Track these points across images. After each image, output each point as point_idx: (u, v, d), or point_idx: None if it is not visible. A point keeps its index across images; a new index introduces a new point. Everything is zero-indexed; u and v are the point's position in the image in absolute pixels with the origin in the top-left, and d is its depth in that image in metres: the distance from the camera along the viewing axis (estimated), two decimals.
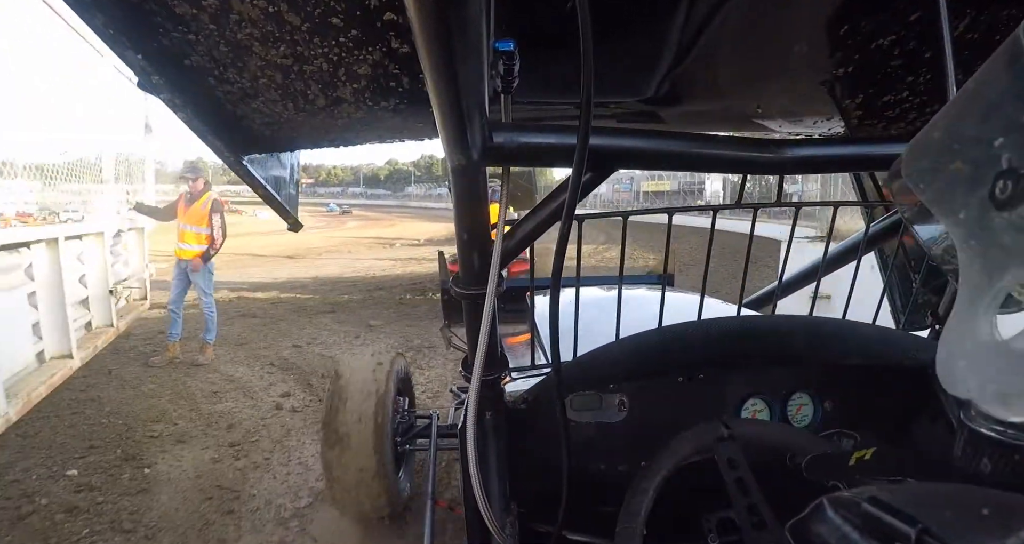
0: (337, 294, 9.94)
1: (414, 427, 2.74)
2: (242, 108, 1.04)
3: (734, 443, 0.94)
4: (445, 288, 2.70)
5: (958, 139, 0.41)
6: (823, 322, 1.32)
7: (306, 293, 10.08)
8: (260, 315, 7.97)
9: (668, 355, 1.25)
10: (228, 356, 5.91)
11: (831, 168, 0.97)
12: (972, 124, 0.40)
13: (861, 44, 0.92)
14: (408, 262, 15.23)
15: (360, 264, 14.87)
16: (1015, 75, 0.37)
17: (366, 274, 12.91)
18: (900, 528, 0.43)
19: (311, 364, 5.62)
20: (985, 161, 0.38)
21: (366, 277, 12.40)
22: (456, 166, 0.77)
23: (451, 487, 3.11)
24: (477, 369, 0.93)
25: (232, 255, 16.57)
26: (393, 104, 1.00)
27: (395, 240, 22.52)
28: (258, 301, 9.13)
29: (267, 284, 11.03)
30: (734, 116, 1.49)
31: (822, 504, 0.52)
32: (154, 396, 4.68)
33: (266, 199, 1.27)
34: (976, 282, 0.38)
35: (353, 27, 0.81)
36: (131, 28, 0.83)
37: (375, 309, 8.57)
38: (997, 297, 0.38)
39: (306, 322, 7.54)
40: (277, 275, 12.60)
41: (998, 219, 0.36)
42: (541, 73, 0.96)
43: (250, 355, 5.95)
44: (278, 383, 5.05)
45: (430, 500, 1.91)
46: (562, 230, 0.79)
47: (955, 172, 0.40)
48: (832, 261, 1.58)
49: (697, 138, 0.92)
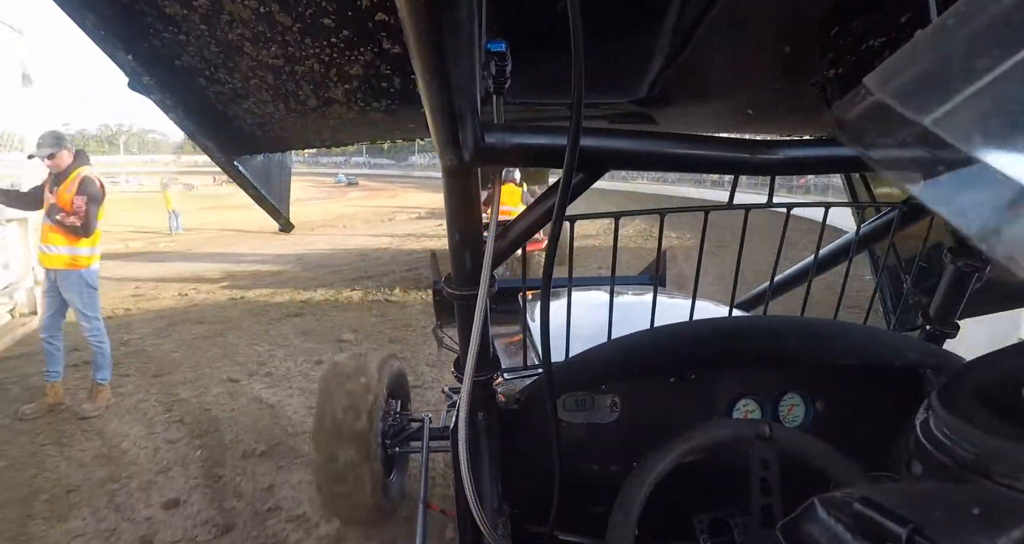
0: (313, 287, 8.55)
1: (405, 430, 2.73)
2: (233, 109, 1.04)
3: (772, 445, 0.97)
4: (437, 289, 2.69)
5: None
6: (814, 322, 1.33)
7: (275, 285, 8.69)
8: (210, 320, 6.59)
9: (660, 356, 1.26)
10: (131, 400, 4.22)
11: (822, 169, 0.98)
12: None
13: (852, 45, 0.93)
14: (405, 240, 14.09)
15: (352, 242, 13.64)
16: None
17: (355, 256, 11.60)
18: (891, 528, 0.43)
19: (238, 422, 3.89)
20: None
21: (354, 260, 11.09)
22: (448, 167, 0.78)
23: (448, 492, 2.99)
24: (469, 370, 0.93)
25: (216, 231, 15.85)
26: (385, 105, 1.00)
27: (395, 212, 21.44)
28: (214, 298, 7.83)
29: (234, 274, 9.63)
30: (726, 117, 1.50)
31: (813, 504, 0.52)
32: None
33: (257, 199, 1.26)
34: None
35: (344, 28, 0.81)
36: (122, 29, 0.83)
37: (354, 312, 7.06)
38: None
39: (262, 332, 6.08)
40: (255, 255, 11.61)
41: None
42: (533, 74, 0.96)
43: (161, 399, 4.26)
44: (173, 468, 3.32)
45: (422, 504, 1.90)
46: (553, 230, 0.80)
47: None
48: (824, 262, 1.58)
49: (688, 139, 0.93)
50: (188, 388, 4.46)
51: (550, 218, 0.84)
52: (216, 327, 6.27)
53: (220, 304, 7.43)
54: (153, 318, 6.64)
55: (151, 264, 10.70)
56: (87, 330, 3.97)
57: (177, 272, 9.81)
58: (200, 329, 6.16)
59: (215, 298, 7.79)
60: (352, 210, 22.72)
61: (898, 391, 1.34)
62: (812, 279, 1.49)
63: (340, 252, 12.13)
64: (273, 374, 4.79)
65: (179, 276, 9.40)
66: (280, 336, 5.93)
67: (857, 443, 1.32)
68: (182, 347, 5.52)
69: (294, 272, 9.84)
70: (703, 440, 0.99)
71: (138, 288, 8.33)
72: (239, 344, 5.65)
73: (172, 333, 5.98)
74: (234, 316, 6.79)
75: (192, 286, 8.53)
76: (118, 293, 7.83)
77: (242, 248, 12.58)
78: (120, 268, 9.71)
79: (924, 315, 1.49)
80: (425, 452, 2.32)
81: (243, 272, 9.86)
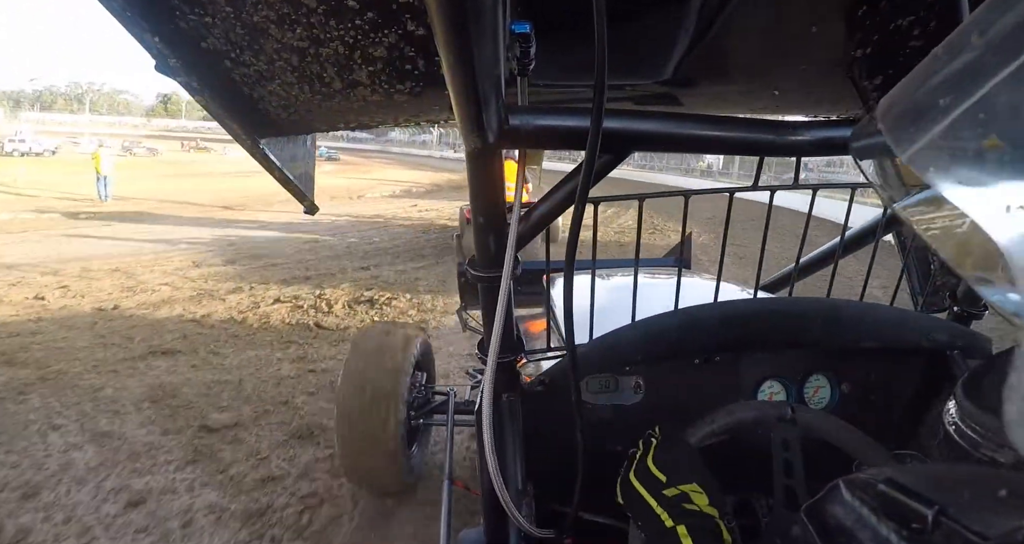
0: (226, 293, 6.34)
1: (430, 402, 2.77)
2: (258, 91, 1.05)
3: (794, 427, 0.97)
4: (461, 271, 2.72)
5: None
6: (840, 304, 1.32)
7: (175, 287, 6.53)
8: (31, 358, 4.30)
9: (684, 338, 1.26)
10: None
11: (848, 150, 0.96)
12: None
13: (880, 25, 0.91)
14: (372, 225, 11.64)
15: (304, 228, 11.10)
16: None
17: (304, 245, 9.46)
18: (917, 509, 0.43)
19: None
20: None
21: (300, 251, 8.94)
22: (472, 149, 0.78)
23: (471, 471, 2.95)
24: (493, 351, 0.94)
25: (156, 202, 14.08)
26: (409, 87, 1.00)
27: (367, 188, 19.44)
28: (76, 309, 5.66)
29: (131, 267, 7.46)
30: (752, 99, 1.47)
31: (838, 486, 0.52)
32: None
33: (283, 182, 1.28)
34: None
35: (369, 9, 0.81)
36: (148, 10, 0.84)
37: (261, 348, 4.70)
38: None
39: (86, 394, 3.76)
40: (181, 238, 9.65)
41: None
42: (557, 55, 0.95)
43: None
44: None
45: (447, 480, 1.93)
46: (576, 213, 0.80)
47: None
48: (850, 243, 1.56)
49: (713, 120, 0.92)
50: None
51: (573, 200, 0.84)
52: (24, 376, 3.96)
53: (72, 322, 5.22)
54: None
55: (42, 243, 8.80)
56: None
57: (61, 256, 7.89)
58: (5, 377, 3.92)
59: (76, 309, 5.63)
60: (321, 185, 20.52)
61: (925, 373, 1.32)
62: (838, 260, 1.47)
63: (288, 239, 10.04)
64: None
65: (58, 263, 7.45)
66: (108, 411, 3.55)
67: (883, 425, 1.32)
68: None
69: (214, 266, 7.58)
70: (725, 422, 1.00)
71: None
72: (31, 422, 3.36)
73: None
74: (76, 349, 4.53)
75: (63, 283, 6.48)
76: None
77: (172, 227, 10.51)
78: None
79: (952, 296, 1.46)
80: (450, 426, 2.35)
81: (147, 263, 7.68)
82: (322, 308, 5.84)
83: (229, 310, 5.73)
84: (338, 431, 2.53)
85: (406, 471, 2.60)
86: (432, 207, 15.65)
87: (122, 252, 8.29)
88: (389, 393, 2.44)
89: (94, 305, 5.77)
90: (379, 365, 2.50)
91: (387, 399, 2.43)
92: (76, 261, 7.55)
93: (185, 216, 12.24)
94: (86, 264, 7.41)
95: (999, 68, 0.29)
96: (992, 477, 0.47)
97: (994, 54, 0.29)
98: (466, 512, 2.58)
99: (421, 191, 20.47)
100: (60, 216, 11.61)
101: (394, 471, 2.54)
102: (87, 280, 6.72)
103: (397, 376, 2.48)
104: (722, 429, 0.99)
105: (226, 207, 13.78)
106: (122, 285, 6.53)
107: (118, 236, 9.74)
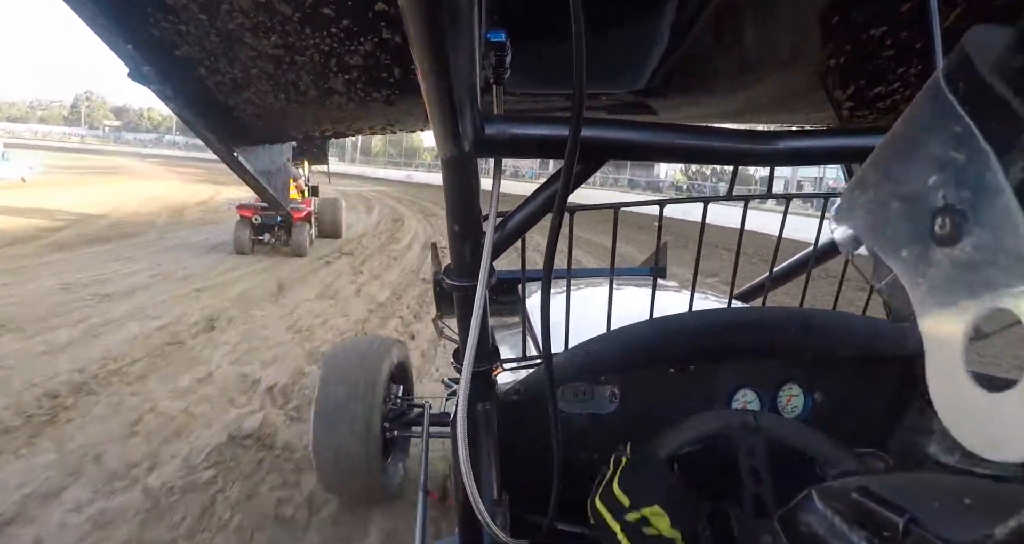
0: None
1: (406, 415, 2.74)
2: (233, 99, 1.04)
3: (758, 434, 0.98)
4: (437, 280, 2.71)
5: (892, 178, 0.42)
6: (813, 313, 1.34)
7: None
8: None
9: (659, 346, 1.26)
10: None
11: (823, 160, 0.98)
12: (904, 163, 0.41)
13: (853, 35, 0.93)
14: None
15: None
16: (935, 112, 0.38)
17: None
18: (888, 518, 0.43)
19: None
20: (921, 199, 0.39)
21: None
22: (447, 157, 0.77)
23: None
24: (468, 361, 0.93)
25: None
26: (385, 95, 1.00)
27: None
28: None
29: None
30: (727, 108, 1.49)
31: (810, 494, 0.52)
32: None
33: (258, 191, 1.26)
34: (934, 320, 0.38)
35: (344, 17, 0.81)
36: (121, 18, 0.83)
37: None
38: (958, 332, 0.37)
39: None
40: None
41: (940, 255, 0.37)
42: (533, 64, 0.96)
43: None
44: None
45: (422, 491, 1.91)
46: (553, 222, 0.80)
47: (893, 211, 0.41)
48: (823, 252, 1.58)
49: (689, 129, 0.93)
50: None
51: (550, 209, 0.84)
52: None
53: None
54: None
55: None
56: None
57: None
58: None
59: None
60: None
61: (897, 381, 1.34)
62: (811, 270, 1.49)
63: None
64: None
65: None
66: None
67: (856, 432, 1.33)
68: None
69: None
70: (694, 433, 1.00)
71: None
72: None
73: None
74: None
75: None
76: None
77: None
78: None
79: None
80: (425, 437, 2.33)
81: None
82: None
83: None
84: (314, 448, 2.51)
85: (383, 483, 2.58)
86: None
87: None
88: (361, 406, 2.42)
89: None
90: (350, 377, 2.49)
91: (359, 413, 2.41)
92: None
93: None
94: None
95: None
96: (961, 486, 0.47)
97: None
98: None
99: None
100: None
101: (368, 484, 2.52)
102: None
103: (369, 388, 2.47)
104: (692, 439, 1.00)
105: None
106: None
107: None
